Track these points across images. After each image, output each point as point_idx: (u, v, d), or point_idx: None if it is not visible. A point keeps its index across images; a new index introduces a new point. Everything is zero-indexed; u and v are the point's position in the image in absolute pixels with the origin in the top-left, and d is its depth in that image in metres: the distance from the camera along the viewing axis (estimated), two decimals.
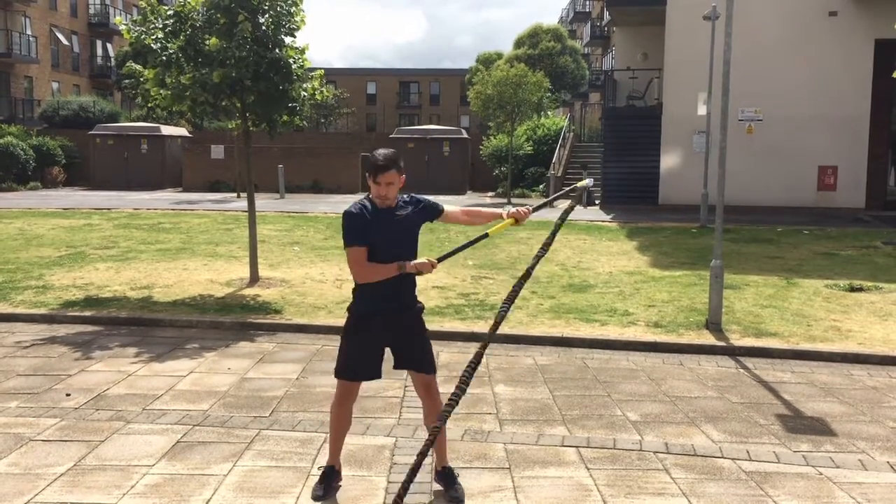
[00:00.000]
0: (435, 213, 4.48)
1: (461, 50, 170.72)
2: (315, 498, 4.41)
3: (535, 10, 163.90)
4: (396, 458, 4.98)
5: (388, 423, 5.61)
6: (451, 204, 4.69)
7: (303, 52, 10.15)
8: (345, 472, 4.68)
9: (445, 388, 6.39)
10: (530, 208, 4.50)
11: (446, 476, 4.49)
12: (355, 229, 4.18)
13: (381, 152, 4.22)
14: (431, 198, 4.59)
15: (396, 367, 4.45)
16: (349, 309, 4.42)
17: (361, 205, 4.26)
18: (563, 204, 4.81)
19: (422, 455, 4.01)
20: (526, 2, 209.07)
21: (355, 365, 4.38)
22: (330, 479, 4.50)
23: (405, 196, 4.40)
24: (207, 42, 9.40)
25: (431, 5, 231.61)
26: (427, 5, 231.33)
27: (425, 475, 4.64)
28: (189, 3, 9.67)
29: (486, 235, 4.54)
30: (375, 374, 4.43)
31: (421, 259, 4.21)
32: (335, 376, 4.44)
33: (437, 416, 4.23)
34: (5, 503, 4.26)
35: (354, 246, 4.18)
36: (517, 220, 4.42)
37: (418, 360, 4.42)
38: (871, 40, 21.57)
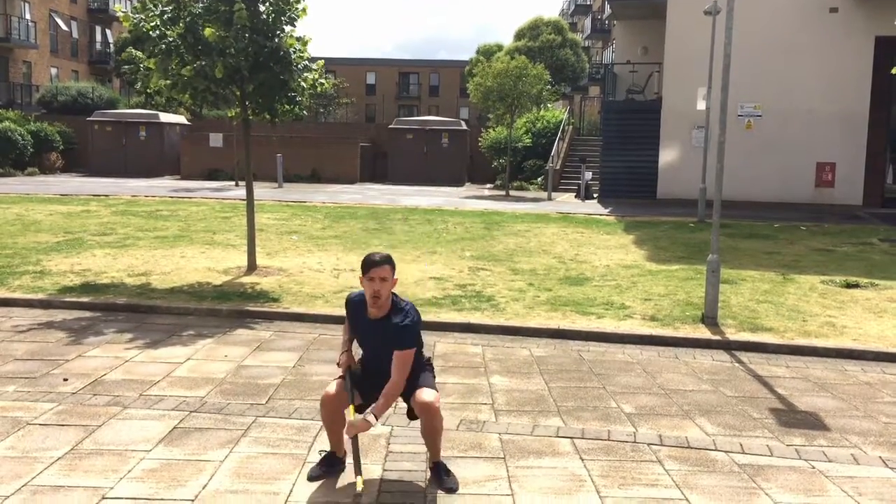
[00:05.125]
0: (394, 345, 4.29)
1: (458, 41, 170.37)
2: (311, 478, 4.47)
3: (533, 1, 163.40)
4: (392, 446, 5.00)
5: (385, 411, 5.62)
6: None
7: (305, 43, 10.13)
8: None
9: (442, 378, 6.43)
10: (368, 422, 4.22)
11: (439, 471, 4.51)
12: (346, 313, 4.60)
13: (377, 252, 4.43)
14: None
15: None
16: None
17: (357, 301, 4.48)
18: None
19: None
20: None
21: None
22: (330, 465, 4.56)
23: (405, 305, 4.39)
24: (205, 32, 9.36)
25: None
26: None
27: (420, 463, 4.67)
28: None
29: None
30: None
31: (358, 418, 4.24)
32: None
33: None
34: (3, 485, 4.28)
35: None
36: (349, 426, 4.26)
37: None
38: (871, 37, 21.57)
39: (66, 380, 6.13)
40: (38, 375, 6.24)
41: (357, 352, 4.62)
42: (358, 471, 4.16)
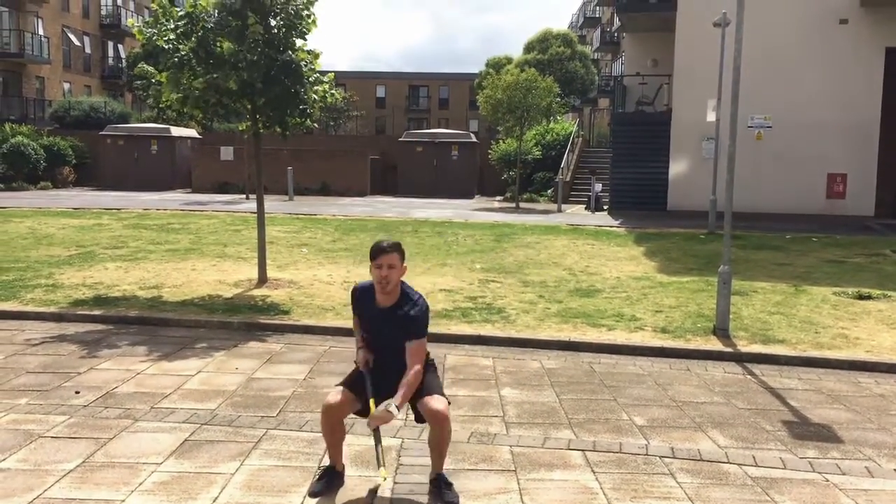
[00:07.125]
0: (406, 335, 4.32)
1: (466, 53, 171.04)
2: (311, 494, 4.43)
3: (540, 14, 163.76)
4: (403, 458, 4.99)
5: (394, 425, 5.62)
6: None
7: (316, 56, 10.19)
8: (350, 471, 4.70)
9: (453, 390, 6.43)
10: (390, 412, 4.12)
11: (440, 484, 4.45)
12: (352, 303, 4.64)
13: (385, 239, 4.47)
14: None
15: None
16: None
17: (365, 289, 4.51)
18: None
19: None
20: (530, 6, 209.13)
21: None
22: (330, 478, 4.53)
23: (414, 295, 4.44)
24: (220, 45, 9.43)
25: (436, 8, 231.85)
26: (431, 8, 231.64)
27: (426, 476, 4.65)
28: (200, 4, 9.72)
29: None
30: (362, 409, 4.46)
31: (380, 409, 4.14)
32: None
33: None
34: (15, 498, 4.29)
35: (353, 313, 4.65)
36: (371, 418, 4.22)
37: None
38: (881, 48, 21.52)
39: (77, 392, 6.15)
40: (51, 388, 6.27)
41: None
42: (381, 462, 4.19)
